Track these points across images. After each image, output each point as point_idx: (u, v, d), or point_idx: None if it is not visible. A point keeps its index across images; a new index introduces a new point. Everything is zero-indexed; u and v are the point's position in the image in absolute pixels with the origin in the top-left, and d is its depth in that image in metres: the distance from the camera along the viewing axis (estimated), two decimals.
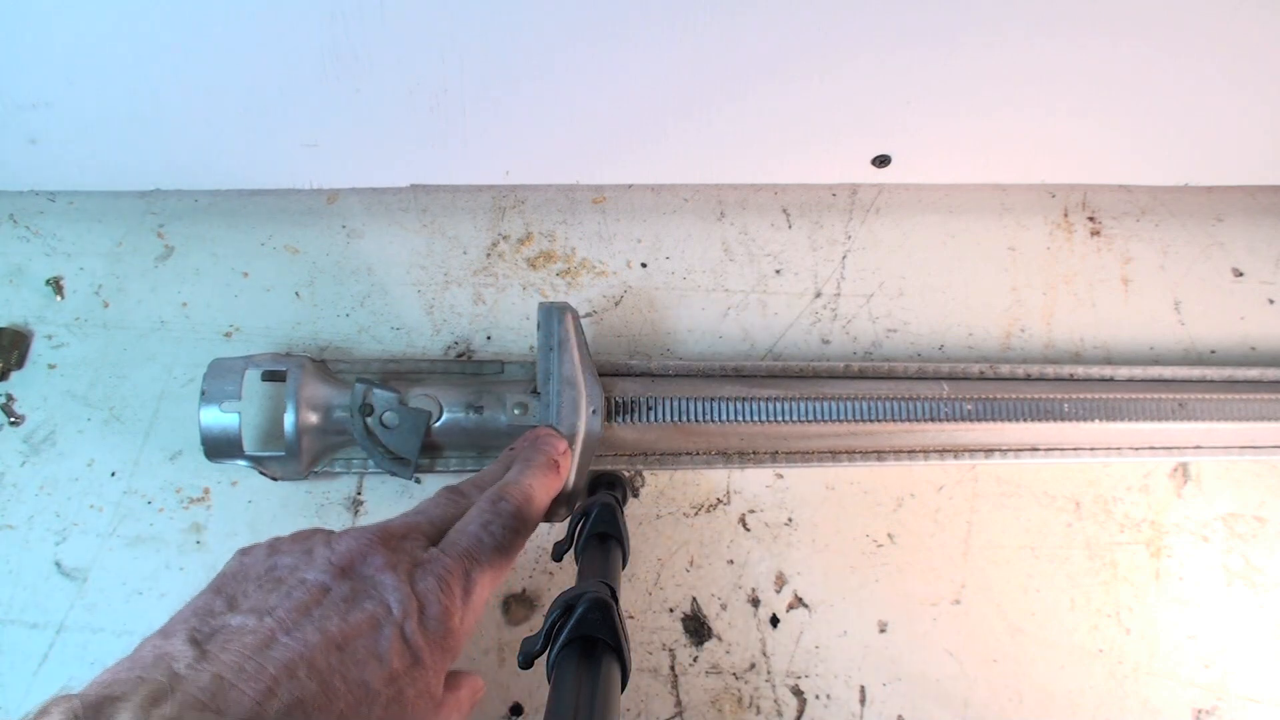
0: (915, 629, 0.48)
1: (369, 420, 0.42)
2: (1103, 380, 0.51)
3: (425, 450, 0.43)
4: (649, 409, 0.45)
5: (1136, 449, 0.51)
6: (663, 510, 0.49)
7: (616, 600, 0.33)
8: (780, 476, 0.50)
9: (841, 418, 0.46)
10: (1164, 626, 0.50)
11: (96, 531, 0.46)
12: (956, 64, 0.43)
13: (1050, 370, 0.51)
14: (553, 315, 0.43)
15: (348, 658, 0.30)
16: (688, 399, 0.45)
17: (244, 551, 0.35)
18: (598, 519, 0.40)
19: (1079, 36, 0.42)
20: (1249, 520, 0.52)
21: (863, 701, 0.47)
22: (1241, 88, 0.47)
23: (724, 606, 0.48)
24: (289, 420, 0.41)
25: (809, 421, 0.46)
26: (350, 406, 0.42)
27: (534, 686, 0.45)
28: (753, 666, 0.47)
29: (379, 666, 0.30)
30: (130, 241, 0.50)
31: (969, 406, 0.47)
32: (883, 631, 0.48)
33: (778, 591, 0.48)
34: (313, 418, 0.42)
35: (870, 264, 0.54)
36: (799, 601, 0.48)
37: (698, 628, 0.47)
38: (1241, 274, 0.57)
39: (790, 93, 0.45)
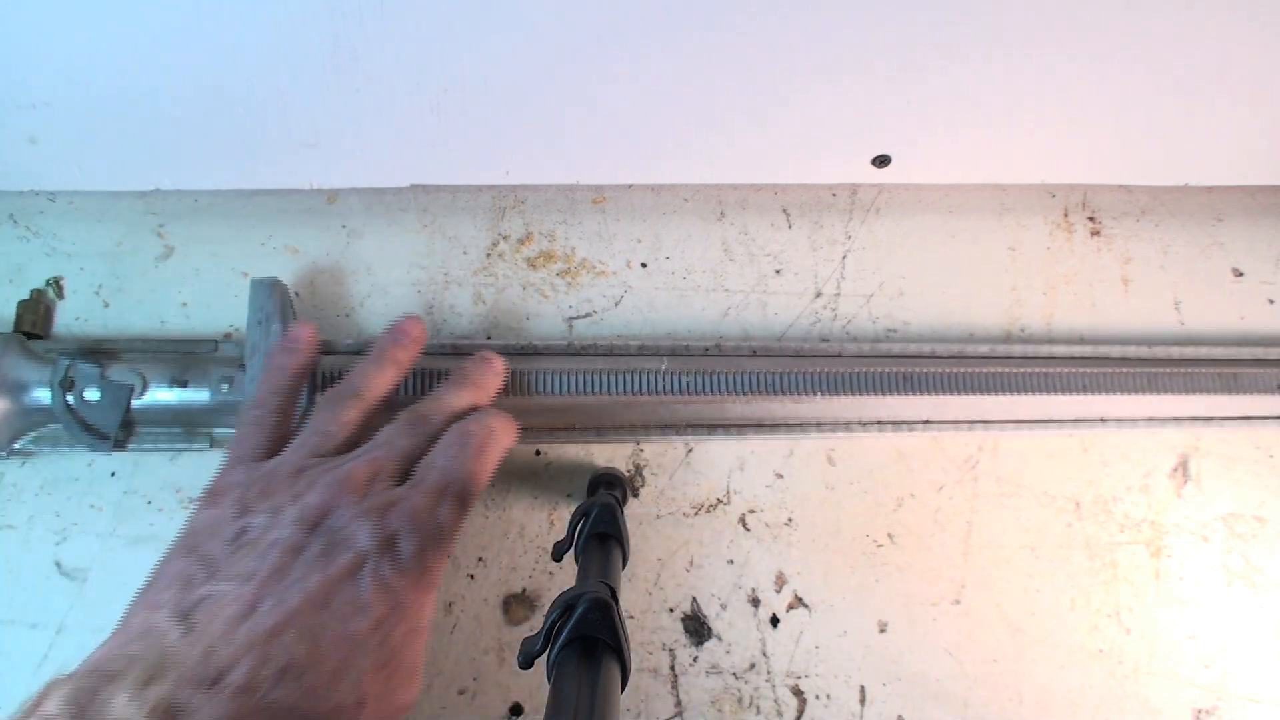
0: (915, 629, 0.48)
1: (70, 395, 0.42)
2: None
3: (129, 425, 0.43)
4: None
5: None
6: (663, 510, 0.49)
7: (616, 600, 0.33)
8: (781, 476, 0.50)
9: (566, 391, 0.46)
10: (1164, 626, 0.50)
11: (96, 531, 0.46)
12: (957, 64, 0.43)
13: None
14: (261, 289, 0.44)
15: (331, 614, 0.30)
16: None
17: (209, 502, 0.35)
18: (598, 519, 0.40)
19: (1079, 37, 0.42)
20: (1249, 520, 0.52)
21: (863, 701, 0.47)
22: (1242, 88, 0.47)
23: (724, 606, 0.48)
24: None
25: (527, 396, 0.45)
26: (51, 381, 0.42)
27: (534, 687, 0.45)
28: (753, 666, 0.47)
29: (362, 617, 0.31)
30: (130, 241, 0.50)
31: (686, 379, 0.46)
32: (883, 631, 0.48)
33: (778, 591, 0.48)
34: (6, 395, 0.42)
35: (870, 264, 0.54)
36: (799, 601, 0.48)
37: (698, 628, 0.47)
38: (1241, 274, 0.57)
39: (791, 93, 0.45)
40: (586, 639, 0.31)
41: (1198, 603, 0.50)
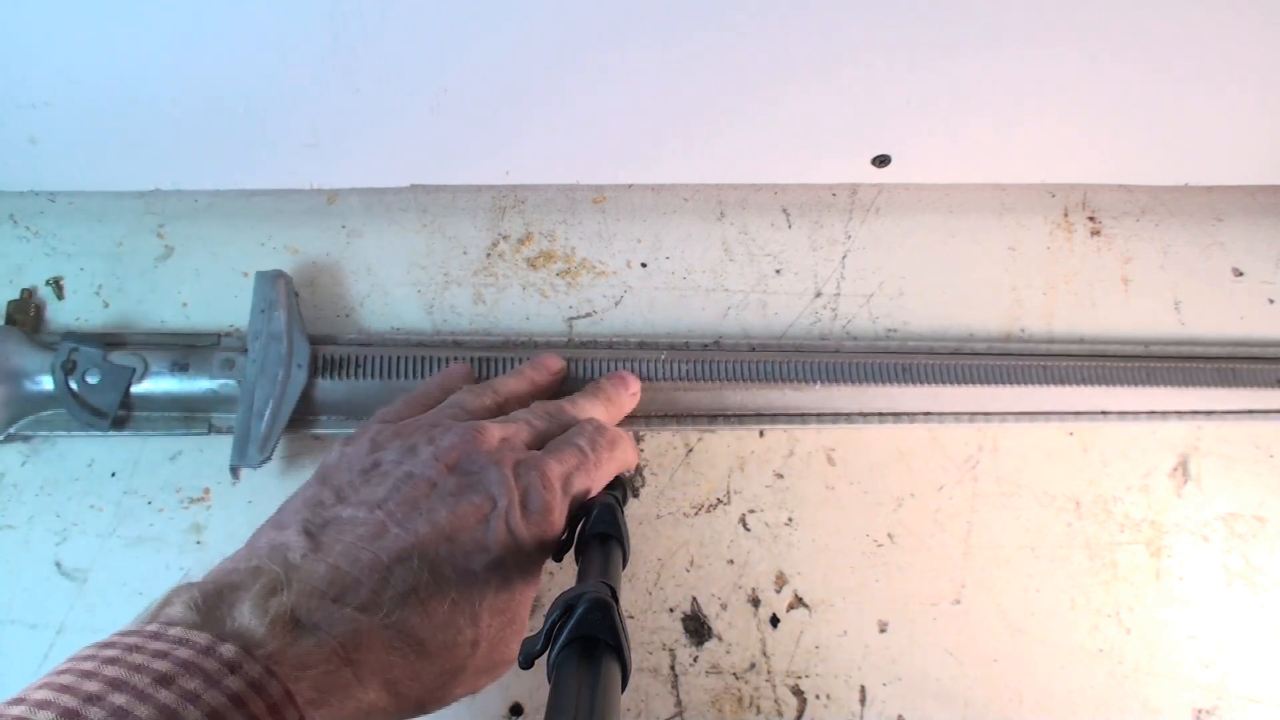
0: (915, 629, 0.48)
1: (71, 378, 0.43)
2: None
3: (128, 407, 0.44)
4: (358, 365, 0.45)
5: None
6: (663, 510, 0.49)
7: (617, 600, 0.33)
8: (781, 476, 0.50)
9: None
10: (1164, 626, 0.50)
11: (96, 531, 0.46)
12: (957, 64, 0.43)
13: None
14: (265, 280, 0.46)
15: (457, 548, 0.31)
16: (399, 356, 0.46)
17: (346, 442, 0.36)
18: (598, 519, 0.40)
19: (1079, 36, 0.42)
20: (1249, 520, 0.52)
21: (863, 701, 0.47)
22: (1242, 88, 0.47)
23: (724, 606, 0.48)
24: None
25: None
26: (53, 364, 0.43)
27: (534, 686, 0.45)
28: (753, 666, 0.47)
29: (485, 555, 0.32)
30: (130, 241, 0.50)
31: (685, 366, 0.48)
32: (883, 631, 0.48)
33: (778, 591, 0.48)
34: (4, 380, 0.43)
35: (870, 264, 0.54)
36: (799, 601, 0.48)
37: (698, 628, 0.47)
38: (1242, 274, 0.57)
39: (790, 93, 0.45)
40: (587, 639, 0.31)
41: (1198, 603, 0.50)
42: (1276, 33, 0.43)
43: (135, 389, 0.44)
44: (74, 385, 0.43)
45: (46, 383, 0.43)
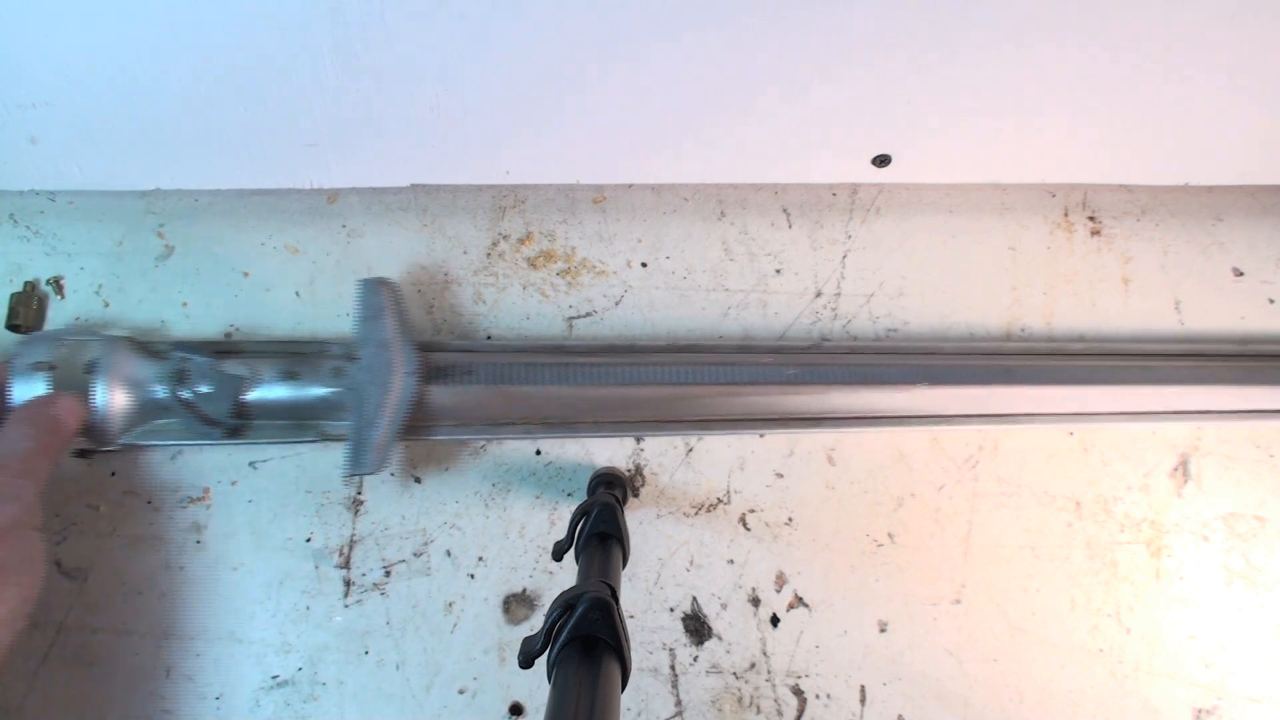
0: (915, 629, 0.48)
1: (183, 387, 0.43)
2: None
3: (239, 419, 0.44)
4: (467, 372, 0.45)
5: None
6: (663, 510, 0.49)
7: (617, 600, 0.33)
8: (781, 476, 0.50)
9: (660, 381, 0.47)
10: (1164, 626, 0.50)
11: (96, 531, 0.46)
12: (957, 64, 0.43)
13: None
14: (370, 288, 0.46)
15: None
16: (506, 363, 0.46)
17: None
18: (598, 519, 0.40)
19: (1079, 37, 0.42)
20: (1249, 520, 0.52)
21: (863, 701, 0.47)
22: (1241, 88, 0.47)
23: (724, 606, 0.48)
24: (99, 389, 0.41)
25: (627, 385, 0.46)
26: (166, 374, 0.43)
27: (534, 686, 0.45)
28: (753, 666, 0.47)
29: None
30: (130, 241, 0.50)
31: (791, 371, 0.48)
32: (883, 631, 0.48)
33: (778, 591, 0.48)
34: (124, 387, 0.42)
35: (870, 264, 0.54)
36: (799, 601, 0.48)
37: (698, 627, 0.47)
38: (1242, 274, 0.57)
39: (791, 93, 0.45)
40: (587, 638, 0.31)
41: (1198, 602, 0.50)
42: (1276, 33, 0.43)
43: (246, 397, 0.44)
44: (187, 395, 0.43)
45: (159, 392, 0.43)
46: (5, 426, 0.39)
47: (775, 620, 0.48)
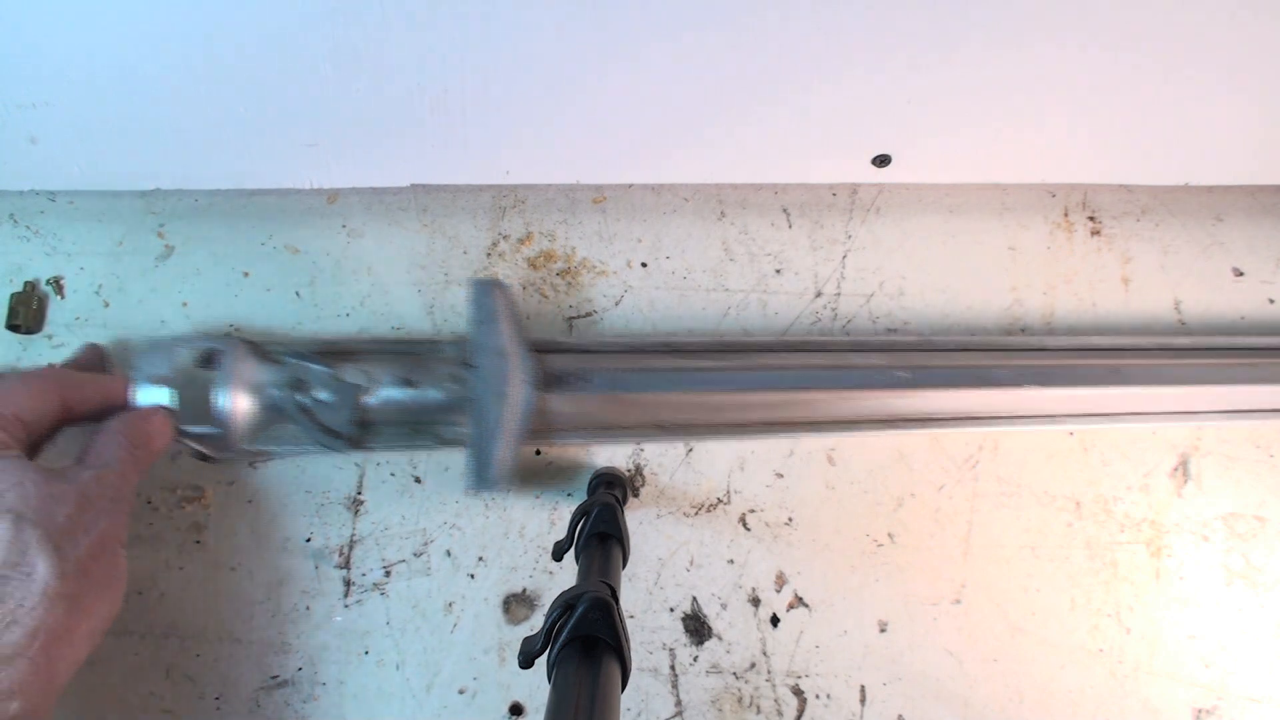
0: (915, 629, 0.48)
1: (301, 395, 0.42)
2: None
3: (360, 426, 0.44)
4: (583, 379, 0.45)
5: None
6: (663, 510, 0.49)
7: (617, 600, 0.33)
8: (781, 476, 0.50)
9: (777, 386, 0.46)
10: (1164, 626, 0.50)
11: None
12: (957, 64, 0.43)
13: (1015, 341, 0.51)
14: (483, 290, 0.44)
15: None
16: (622, 370, 0.45)
17: None
18: (598, 519, 0.40)
19: (1079, 37, 0.42)
20: (1249, 520, 0.52)
21: (863, 701, 0.47)
22: (1241, 88, 0.47)
23: (724, 606, 0.48)
24: (221, 398, 0.41)
25: (744, 390, 0.46)
26: (283, 382, 0.42)
27: (534, 686, 0.45)
28: (753, 666, 0.47)
29: None
30: (130, 241, 0.50)
31: (903, 374, 0.47)
32: (883, 631, 0.48)
33: (778, 591, 0.48)
34: (245, 396, 0.42)
35: (870, 264, 0.54)
36: (799, 601, 0.48)
37: (698, 627, 0.47)
38: (1242, 274, 0.57)
39: (791, 93, 0.45)
40: (587, 638, 0.31)
41: (1198, 602, 0.50)
42: (1275, 33, 0.43)
43: (366, 402, 0.43)
44: (305, 402, 0.42)
45: (280, 400, 0.42)
46: (101, 438, 0.38)
47: (775, 620, 0.48)
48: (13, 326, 0.47)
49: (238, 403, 0.41)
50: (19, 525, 0.33)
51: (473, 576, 0.47)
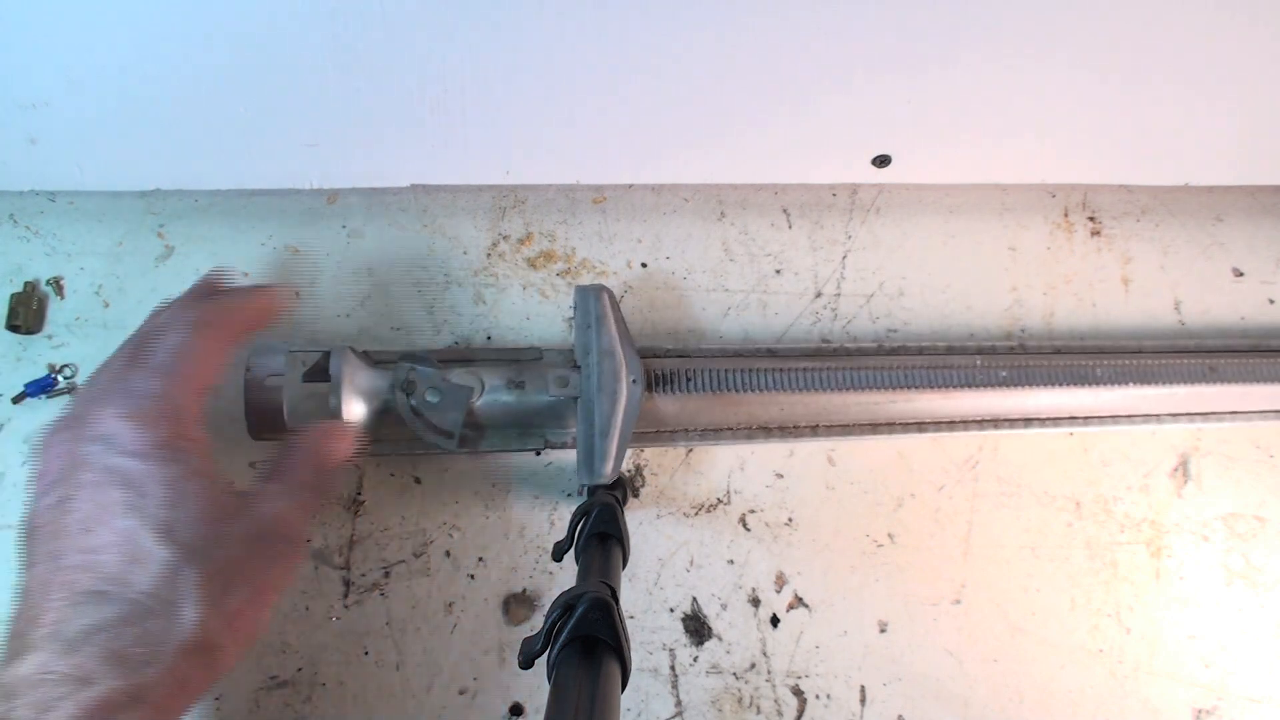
0: (915, 629, 0.48)
1: (412, 397, 0.43)
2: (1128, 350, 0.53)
3: (468, 428, 0.44)
4: (688, 379, 0.46)
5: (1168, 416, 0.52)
6: (663, 510, 0.49)
7: (617, 600, 0.33)
8: (781, 476, 0.50)
9: (882, 386, 0.47)
10: (1164, 626, 0.50)
11: None
12: (957, 65, 0.43)
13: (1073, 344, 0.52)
14: (589, 295, 0.46)
15: None
16: (727, 370, 0.46)
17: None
18: (598, 519, 0.40)
19: (1079, 37, 0.42)
20: (1249, 520, 0.52)
21: (863, 701, 0.47)
22: (1242, 88, 0.47)
23: (724, 606, 0.48)
24: (335, 402, 0.41)
25: (849, 390, 0.47)
26: (394, 383, 0.43)
27: (534, 687, 0.45)
28: (753, 666, 0.47)
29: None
30: (130, 241, 0.50)
31: (1004, 373, 0.49)
32: (883, 631, 0.48)
33: (778, 591, 0.48)
34: (357, 398, 0.42)
35: (870, 264, 0.54)
36: (799, 601, 0.48)
37: (698, 628, 0.47)
38: (1242, 274, 0.57)
39: (791, 93, 0.45)
40: (587, 639, 0.31)
41: (1198, 602, 0.50)
42: (1275, 33, 0.43)
43: (474, 404, 0.44)
44: (416, 404, 0.43)
45: (389, 402, 0.43)
46: (288, 463, 0.36)
47: (775, 620, 0.48)
48: (13, 327, 0.47)
49: (352, 405, 0.42)
50: (178, 565, 0.30)
51: (472, 577, 0.47)
